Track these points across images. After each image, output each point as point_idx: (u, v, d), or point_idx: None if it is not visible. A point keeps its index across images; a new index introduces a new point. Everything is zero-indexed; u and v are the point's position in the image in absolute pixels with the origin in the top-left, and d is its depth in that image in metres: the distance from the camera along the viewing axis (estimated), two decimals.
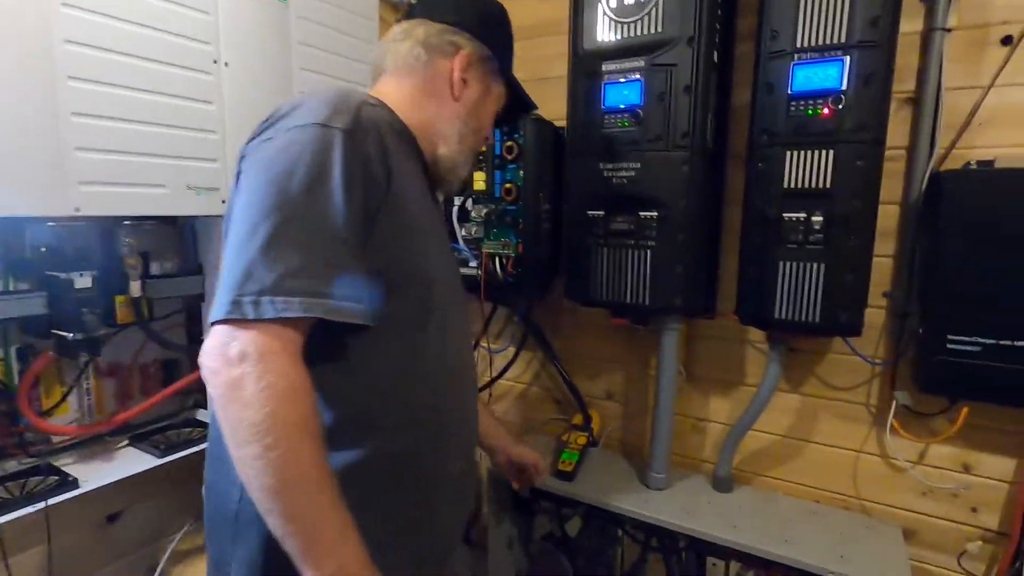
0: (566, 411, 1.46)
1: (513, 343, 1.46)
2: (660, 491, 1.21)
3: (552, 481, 1.24)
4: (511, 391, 1.54)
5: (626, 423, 1.38)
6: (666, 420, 1.19)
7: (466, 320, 0.85)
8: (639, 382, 1.34)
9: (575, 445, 1.30)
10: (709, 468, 1.28)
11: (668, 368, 1.16)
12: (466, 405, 0.79)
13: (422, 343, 0.69)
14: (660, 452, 1.20)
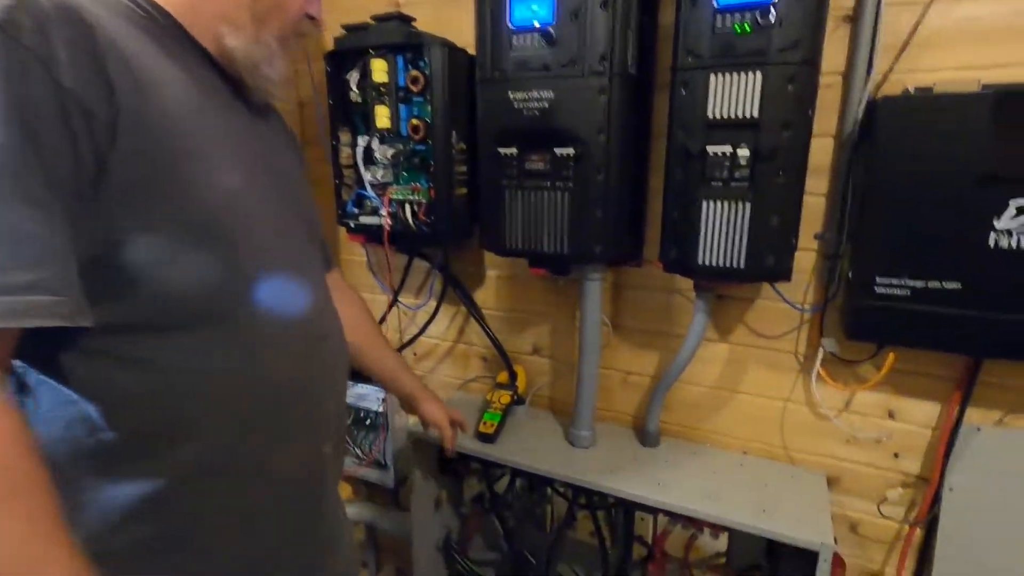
0: (493, 369, 1.37)
1: (435, 298, 1.34)
2: (585, 449, 1.15)
3: (472, 443, 1.17)
4: (435, 349, 1.44)
5: (554, 379, 1.30)
6: (590, 376, 1.11)
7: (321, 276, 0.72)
8: (566, 336, 1.26)
9: (498, 405, 1.22)
10: (639, 423, 1.23)
11: (592, 321, 1.08)
12: (318, 390, 0.66)
13: (237, 319, 0.55)
14: (584, 409, 1.14)
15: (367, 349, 0.96)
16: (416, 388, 1.04)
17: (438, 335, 1.42)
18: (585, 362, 1.10)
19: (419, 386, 1.05)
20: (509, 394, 1.24)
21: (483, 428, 1.17)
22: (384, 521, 1.53)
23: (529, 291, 1.27)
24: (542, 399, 1.33)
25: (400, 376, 1.03)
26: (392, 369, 1.02)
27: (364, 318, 0.97)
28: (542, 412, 1.31)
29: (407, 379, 1.03)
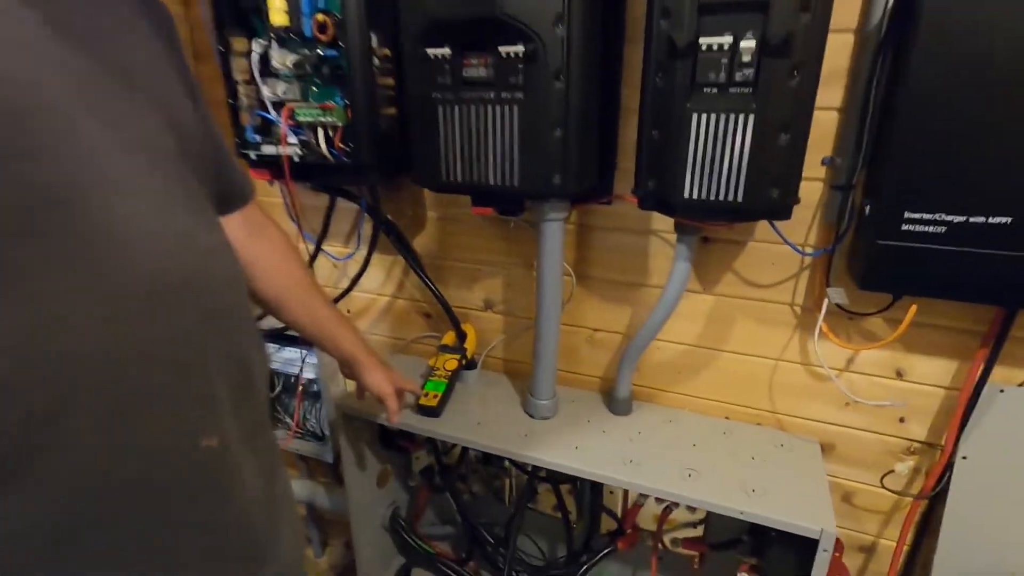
0: (438, 327, 1.18)
1: (365, 245, 1.12)
2: (546, 420, 0.98)
3: (413, 418, 0.99)
4: (371, 306, 1.24)
5: (509, 338, 1.12)
6: (550, 335, 0.93)
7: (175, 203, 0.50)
8: (523, 288, 1.06)
9: (443, 372, 1.03)
10: (608, 387, 1.07)
11: (551, 270, 0.88)
12: (180, 357, 0.46)
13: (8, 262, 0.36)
14: (544, 374, 0.96)
15: (293, 302, 0.76)
16: (357, 350, 0.84)
17: (373, 289, 1.21)
18: (544, 319, 0.92)
19: (361, 347, 0.85)
20: (456, 358, 1.05)
21: (425, 400, 0.99)
22: (325, 499, 1.37)
23: (478, 236, 1.06)
24: (496, 362, 1.15)
25: (337, 334, 0.83)
26: (326, 326, 0.82)
27: (289, 264, 0.75)
28: (496, 376, 1.13)
29: (346, 338, 0.83)
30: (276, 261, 0.74)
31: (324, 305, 0.81)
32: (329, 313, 0.82)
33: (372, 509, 1.21)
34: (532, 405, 0.98)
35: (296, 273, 0.77)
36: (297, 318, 0.78)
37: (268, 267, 0.70)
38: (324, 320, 0.81)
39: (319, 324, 0.81)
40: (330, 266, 1.24)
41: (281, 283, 0.74)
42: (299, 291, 0.77)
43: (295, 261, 0.77)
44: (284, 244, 0.76)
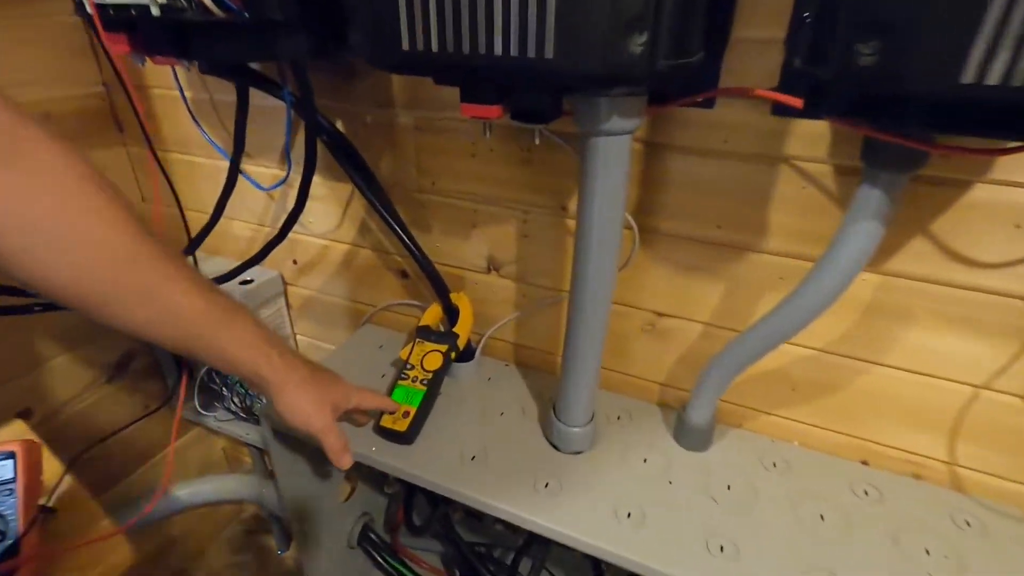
0: (421, 293, 0.80)
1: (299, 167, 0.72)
2: (577, 456, 0.63)
3: (369, 442, 0.64)
4: (324, 256, 0.86)
5: (525, 317, 0.74)
6: (594, 324, 0.55)
7: None
8: (549, 241, 0.67)
9: (419, 372, 0.67)
10: (672, 397, 0.70)
11: (604, 217, 0.49)
12: None
13: None
14: (579, 387, 0.59)
15: (109, 290, 0.41)
16: (259, 360, 0.49)
17: (325, 233, 0.83)
18: (585, 297, 0.54)
19: (264, 355, 0.49)
20: (441, 351, 0.68)
21: (391, 420, 0.63)
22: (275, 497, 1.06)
23: (478, 157, 0.66)
24: (502, 348, 0.78)
25: (216, 339, 0.47)
26: (191, 328, 0.45)
27: (92, 223, 0.38)
28: (502, 372, 0.77)
29: (232, 344, 0.47)
30: (63, 222, 0.36)
31: (184, 292, 0.43)
32: (194, 305, 0.44)
33: (332, 528, 0.90)
34: (557, 431, 0.62)
35: (113, 240, 0.39)
36: (129, 318, 0.42)
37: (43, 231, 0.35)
38: (185, 319, 0.44)
39: (176, 325, 0.44)
40: (262, 199, 0.85)
41: (77, 259, 0.37)
42: (123, 273, 0.40)
43: (110, 218, 0.39)
44: (77, 187, 0.38)
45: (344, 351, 0.81)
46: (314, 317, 0.93)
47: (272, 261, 0.89)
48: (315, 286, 0.89)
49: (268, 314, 0.91)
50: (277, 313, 0.93)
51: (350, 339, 0.84)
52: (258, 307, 0.89)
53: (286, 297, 0.93)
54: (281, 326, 0.94)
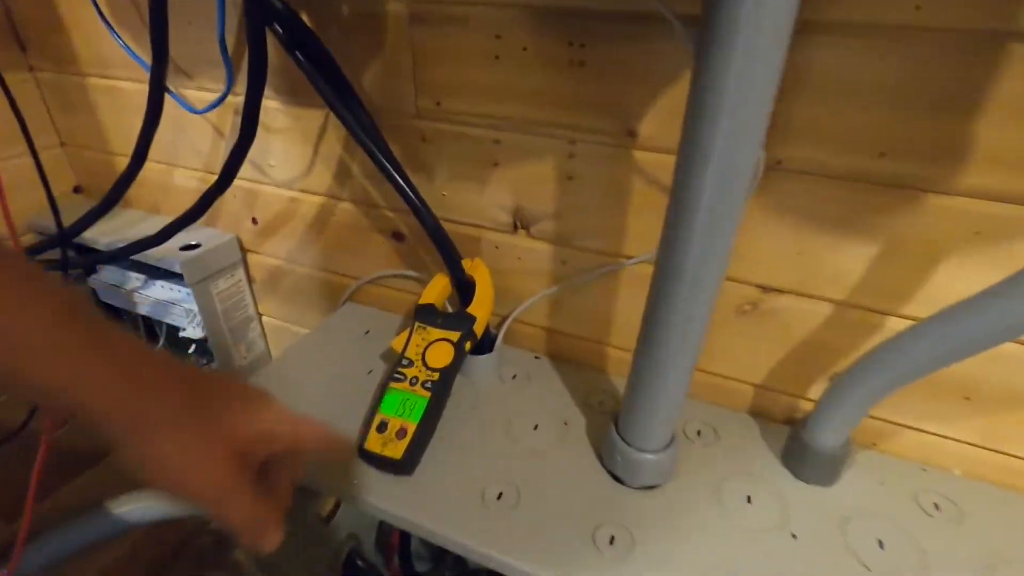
0: (420, 260, 0.60)
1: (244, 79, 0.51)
2: (651, 493, 0.44)
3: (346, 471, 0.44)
4: (292, 212, 0.65)
5: (564, 295, 0.54)
6: (697, 305, 0.35)
7: None
8: (604, 181, 0.47)
9: (420, 373, 0.47)
10: (773, 404, 0.51)
11: (734, 142, 0.28)
12: None
13: None
14: (661, 392, 0.40)
15: None
16: (74, 378, 0.27)
17: (292, 181, 0.62)
18: (687, 263, 0.33)
19: (79, 362, 0.27)
20: (451, 338, 0.48)
21: (378, 444, 0.44)
22: None
23: (507, 61, 0.45)
24: (530, 334, 0.58)
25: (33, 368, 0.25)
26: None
27: None
28: (530, 364, 0.57)
29: (41, 363, 0.26)
30: None
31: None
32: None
33: (308, 557, 0.71)
34: (622, 457, 0.43)
35: None
36: None
37: None
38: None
39: None
40: (210, 135, 0.64)
41: None
42: None
43: None
44: None
45: (317, 338, 0.61)
46: (283, 293, 0.73)
47: (226, 220, 0.68)
48: (281, 252, 0.68)
49: (224, 288, 0.71)
50: (235, 288, 0.72)
51: (325, 322, 0.64)
52: (210, 279, 0.68)
53: (246, 268, 0.73)
54: (241, 305, 0.74)
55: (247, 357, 0.76)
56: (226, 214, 0.69)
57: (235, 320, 0.73)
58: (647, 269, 0.49)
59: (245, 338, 0.75)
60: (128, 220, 0.74)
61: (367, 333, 0.61)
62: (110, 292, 0.77)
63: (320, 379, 0.54)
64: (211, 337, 0.71)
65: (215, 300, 0.69)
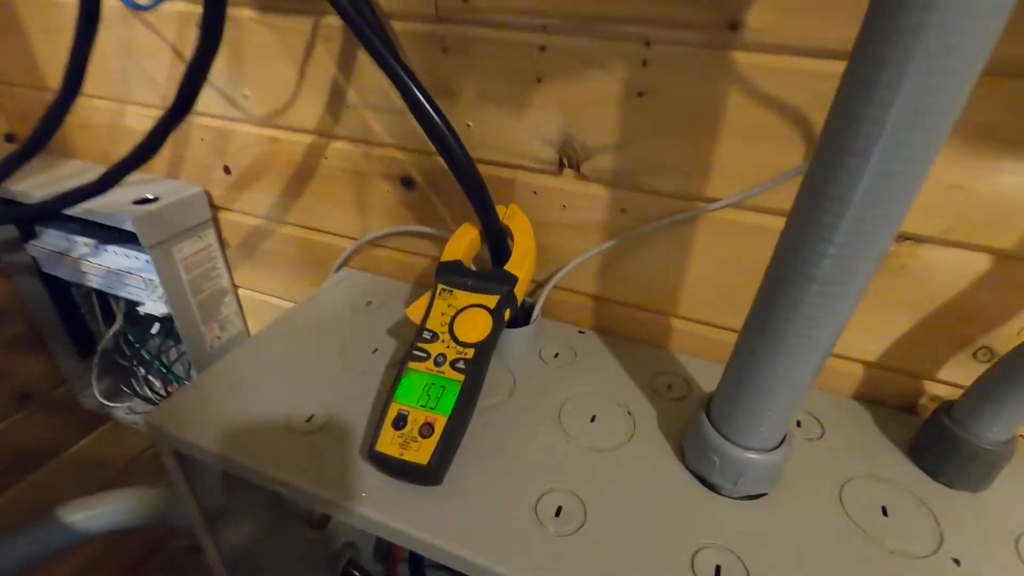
0: (433, 213, 0.48)
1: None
2: (755, 503, 0.33)
3: (342, 494, 0.33)
4: (273, 158, 0.52)
5: (624, 250, 0.43)
6: (858, 268, 0.24)
7: None
8: (688, 97, 0.36)
9: (449, 349, 0.35)
10: (893, 386, 0.40)
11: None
12: None
13: None
14: (785, 376, 0.29)
15: None
16: None
17: (272, 116, 0.50)
18: (848, 207, 0.22)
19: None
20: (488, 303, 0.37)
21: (395, 445, 0.32)
22: None
23: None
24: (573, 303, 0.47)
25: None
26: None
27: None
28: (575, 341, 0.46)
29: None
30: None
31: None
32: None
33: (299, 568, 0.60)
34: (719, 459, 0.32)
35: None
36: None
37: None
38: None
39: None
40: (167, 59, 0.51)
41: None
42: None
43: None
44: None
45: (306, 311, 0.49)
46: (263, 259, 0.60)
47: (192, 169, 0.56)
48: (260, 208, 0.56)
49: (191, 254, 0.58)
50: (205, 254, 0.60)
51: (318, 292, 0.52)
52: (173, 242, 0.56)
53: (217, 229, 0.60)
54: (213, 274, 0.62)
55: (221, 337, 0.64)
56: (191, 162, 0.56)
57: (205, 293, 0.61)
58: (735, 216, 0.38)
59: (218, 315, 0.63)
60: (71, 171, 0.61)
61: (368, 304, 0.50)
62: (53, 261, 0.65)
63: (310, 360, 0.43)
64: (176, 314, 0.59)
65: (179, 268, 0.57)
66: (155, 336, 0.69)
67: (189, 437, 0.36)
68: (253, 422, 0.37)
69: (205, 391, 0.40)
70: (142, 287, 0.60)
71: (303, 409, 0.38)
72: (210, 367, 0.42)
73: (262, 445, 0.35)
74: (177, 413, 0.38)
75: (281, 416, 0.38)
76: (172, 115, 0.41)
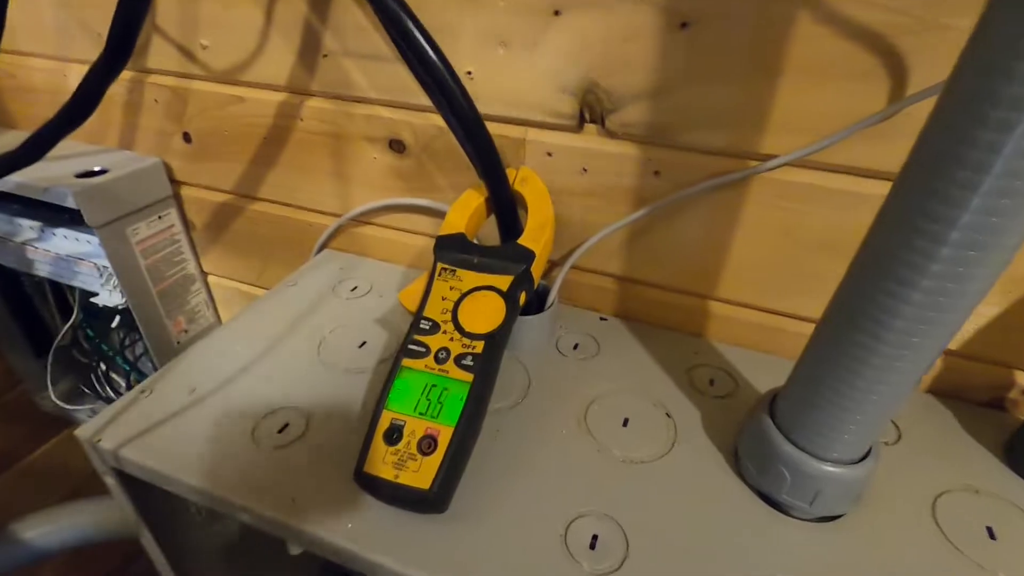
0: (429, 180, 0.41)
1: None
2: (830, 526, 0.27)
3: (327, 527, 0.26)
4: (239, 121, 0.45)
5: (656, 222, 0.36)
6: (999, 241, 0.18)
7: None
8: (743, 24, 0.29)
9: (454, 342, 0.29)
10: (991, 380, 0.34)
11: None
12: None
13: None
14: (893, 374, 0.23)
15: None
16: None
17: (236, 69, 0.42)
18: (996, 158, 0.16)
19: None
20: (500, 285, 0.30)
21: (384, 466, 0.26)
22: None
23: None
24: (593, 286, 0.41)
25: None
26: None
27: None
28: (596, 328, 0.40)
29: None
30: None
31: None
32: None
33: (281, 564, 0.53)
34: (790, 474, 0.26)
35: None
36: None
37: None
38: None
39: None
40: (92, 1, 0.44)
41: None
42: None
43: None
44: None
45: (283, 299, 0.42)
46: (233, 241, 0.53)
47: (146, 138, 0.49)
48: (227, 182, 0.49)
49: (149, 236, 0.51)
50: (166, 236, 0.53)
51: (295, 277, 0.45)
52: (126, 222, 0.49)
53: (180, 206, 0.53)
54: (176, 259, 0.54)
55: (189, 331, 0.57)
56: (146, 130, 0.49)
57: (168, 281, 0.54)
58: (794, 176, 0.32)
59: (184, 306, 0.56)
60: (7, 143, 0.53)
61: (354, 290, 0.43)
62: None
63: (285, 358, 0.36)
64: (135, 305, 0.51)
65: (136, 252, 0.50)
66: (116, 330, 0.61)
67: (130, 455, 0.29)
68: (213, 434, 0.30)
69: (157, 396, 0.33)
70: (95, 275, 0.52)
71: (276, 417, 0.31)
72: (165, 367, 0.35)
73: (223, 463, 0.29)
74: (119, 425, 0.31)
75: (248, 426, 0.31)
76: (107, 58, 0.34)
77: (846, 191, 0.31)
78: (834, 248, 0.33)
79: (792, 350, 0.36)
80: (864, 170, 0.30)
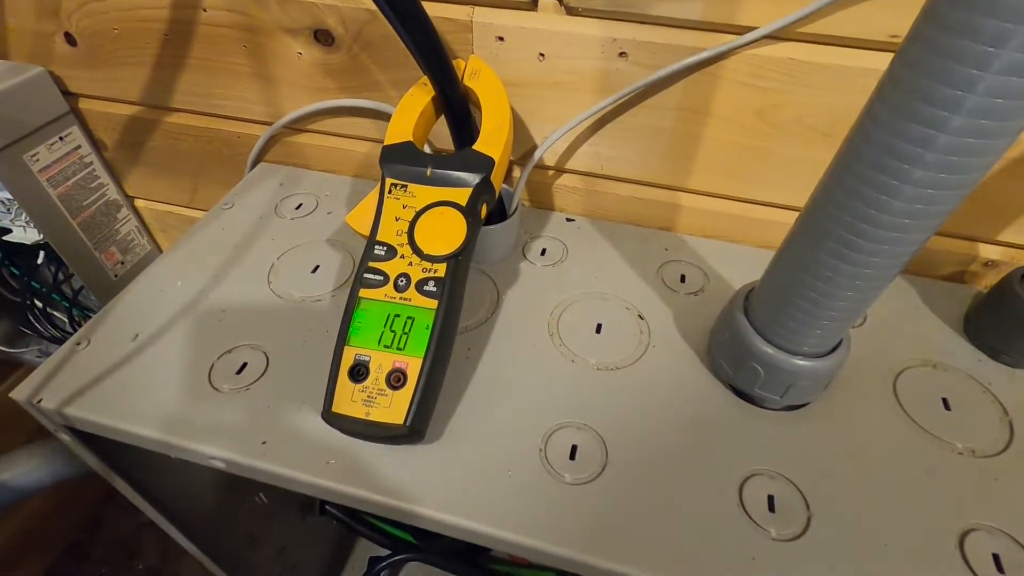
0: (366, 77, 0.36)
1: None
2: (797, 414, 0.28)
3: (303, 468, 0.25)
4: (135, 8, 0.38)
5: (622, 111, 0.33)
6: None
7: None
8: None
9: (413, 267, 0.26)
10: (954, 256, 0.34)
11: None
12: None
13: None
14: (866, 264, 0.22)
15: None
16: None
17: None
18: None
19: None
20: (457, 200, 0.27)
21: (352, 405, 0.24)
22: None
23: None
24: (559, 184, 0.38)
25: None
26: None
27: None
28: (564, 231, 0.38)
29: None
30: None
31: None
32: None
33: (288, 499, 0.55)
34: (764, 369, 0.26)
35: None
36: None
37: None
38: None
39: None
40: None
41: None
42: None
43: None
44: None
45: (221, 223, 0.38)
46: (153, 160, 0.47)
47: (20, 41, 0.41)
48: (132, 92, 0.42)
49: (53, 161, 0.45)
50: (75, 160, 0.46)
51: (231, 196, 0.41)
52: (21, 146, 0.42)
53: (83, 124, 0.46)
54: (92, 184, 0.48)
55: (125, 262, 0.53)
56: (19, 32, 0.41)
57: (88, 211, 0.48)
58: (772, 51, 0.29)
59: (113, 236, 0.51)
60: None
61: (298, 208, 0.39)
62: None
63: (232, 289, 0.33)
64: (54, 240, 0.46)
65: (40, 181, 0.44)
66: (44, 266, 0.56)
67: (77, 412, 0.27)
68: (166, 380, 0.28)
69: (97, 346, 0.30)
70: (3, 211, 0.47)
71: (232, 357, 0.30)
72: (100, 313, 0.32)
73: (182, 412, 0.27)
74: (59, 381, 0.28)
75: (203, 369, 0.29)
76: None
77: (830, 65, 0.28)
78: (811, 131, 0.31)
79: (761, 238, 0.36)
80: (850, 40, 0.27)
